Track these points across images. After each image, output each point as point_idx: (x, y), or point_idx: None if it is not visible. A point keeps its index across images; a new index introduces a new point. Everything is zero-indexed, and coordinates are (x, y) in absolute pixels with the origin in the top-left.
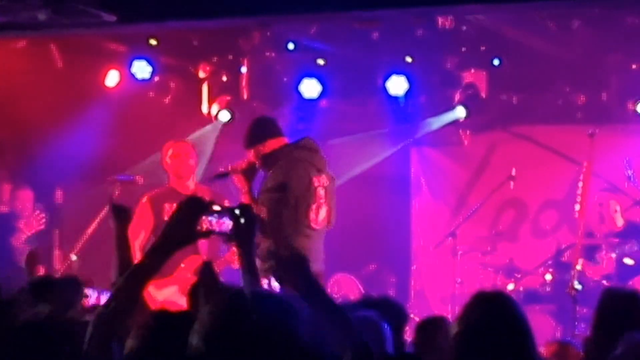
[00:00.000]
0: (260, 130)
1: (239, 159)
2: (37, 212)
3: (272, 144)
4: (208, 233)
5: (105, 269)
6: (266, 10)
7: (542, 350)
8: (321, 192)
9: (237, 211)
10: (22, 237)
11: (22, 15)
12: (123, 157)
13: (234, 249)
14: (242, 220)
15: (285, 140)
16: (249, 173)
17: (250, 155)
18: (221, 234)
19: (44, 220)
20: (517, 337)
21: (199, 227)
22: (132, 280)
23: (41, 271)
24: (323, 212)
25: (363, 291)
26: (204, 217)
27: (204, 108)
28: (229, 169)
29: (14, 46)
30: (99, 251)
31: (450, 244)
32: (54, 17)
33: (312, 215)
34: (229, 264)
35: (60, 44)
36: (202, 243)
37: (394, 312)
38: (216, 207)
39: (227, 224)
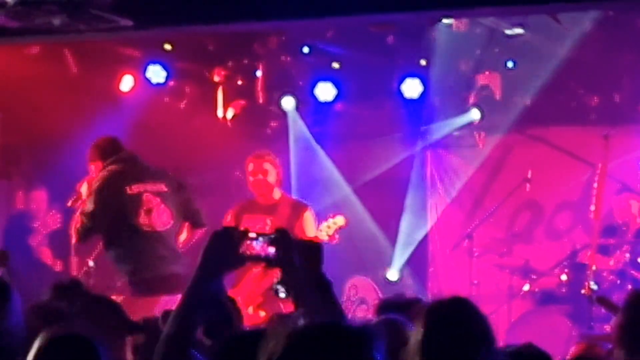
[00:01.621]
0: (92, 150)
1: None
2: (53, 211)
3: (98, 165)
4: (246, 258)
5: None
6: (282, 15)
7: (570, 350)
8: (149, 196)
9: (273, 236)
10: (39, 237)
11: (37, 20)
12: None
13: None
14: (280, 245)
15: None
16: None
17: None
18: (259, 259)
19: (60, 218)
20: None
21: (240, 252)
22: (182, 310)
23: None
24: (164, 216)
25: (380, 294)
26: (245, 243)
27: (219, 112)
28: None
29: (28, 52)
30: None
31: (467, 246)
32: (70, 22)
33: (142, 219)
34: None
35: (74, 49)
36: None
37: None
38: (252, 234)
39: (265, 249)
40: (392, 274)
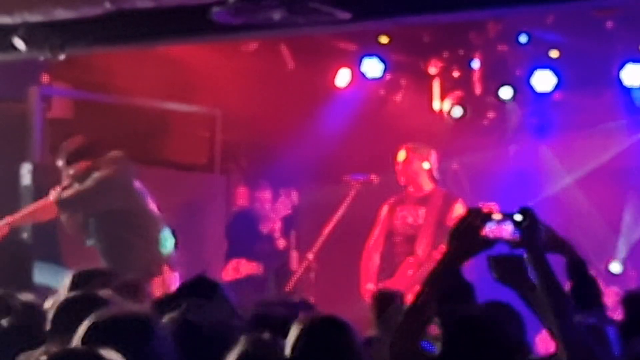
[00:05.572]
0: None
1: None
2: (282, 197)
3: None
4: (492, 242)
5: (342, 268)
6: (501, 3)
7: None
8: None
9: (518, 217)
10: (270, 224)
11: (257, 16)
12: (356, 157)
13: None
14: (525, 225)
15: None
16: None
17: None
18: (504, 241)
19: (290, 204)
20: None
21: (484, 235)
22: (425, 296)
23: None
24: None
25: (605, 287)
26: (488, 225)
27: (436, 105)
28: None
29: (246, 49)
30: (336, 251)
31: None
32: (289, 16)
33: None
34: None
35: (291, 44)
36: None
37: None
38: (496, 216)
39: (508, 230)
40: (615, 267)
